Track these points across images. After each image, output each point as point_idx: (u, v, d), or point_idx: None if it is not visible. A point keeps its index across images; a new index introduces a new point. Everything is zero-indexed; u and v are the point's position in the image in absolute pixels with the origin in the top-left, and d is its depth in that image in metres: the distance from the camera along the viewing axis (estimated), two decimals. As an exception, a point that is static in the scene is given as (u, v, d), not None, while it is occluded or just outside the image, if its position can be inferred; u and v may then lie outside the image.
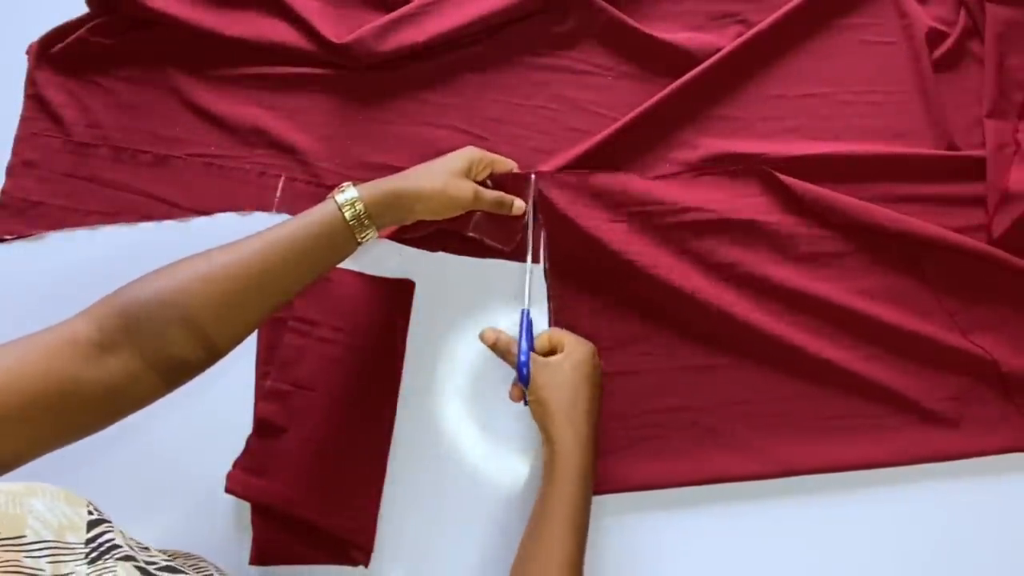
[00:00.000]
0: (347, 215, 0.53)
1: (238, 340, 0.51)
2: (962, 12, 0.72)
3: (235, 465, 0.63)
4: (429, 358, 0.66)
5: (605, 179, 0.67)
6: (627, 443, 0.64)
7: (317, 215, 0.53)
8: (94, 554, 0.36)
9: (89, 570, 0.35)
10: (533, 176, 0.66)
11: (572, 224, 0.66)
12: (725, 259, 0.66)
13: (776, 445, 0.64)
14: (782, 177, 0.67)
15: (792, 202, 0.67)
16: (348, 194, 0.54)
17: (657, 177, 0.68)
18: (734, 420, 0.64)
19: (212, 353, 0.49)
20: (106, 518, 0.38)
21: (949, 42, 0.71)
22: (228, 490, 0.63)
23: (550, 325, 0.66)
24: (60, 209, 0.70)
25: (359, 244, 0.55)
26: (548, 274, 0.67)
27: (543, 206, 0.66)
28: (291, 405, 0.64)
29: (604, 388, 0.60)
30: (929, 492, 0.63)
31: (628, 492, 0.63)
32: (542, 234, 0.66)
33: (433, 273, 0.67)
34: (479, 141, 0.70)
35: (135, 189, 0.70)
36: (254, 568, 0.63)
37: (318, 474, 0.63)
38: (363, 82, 0.72)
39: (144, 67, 0.73)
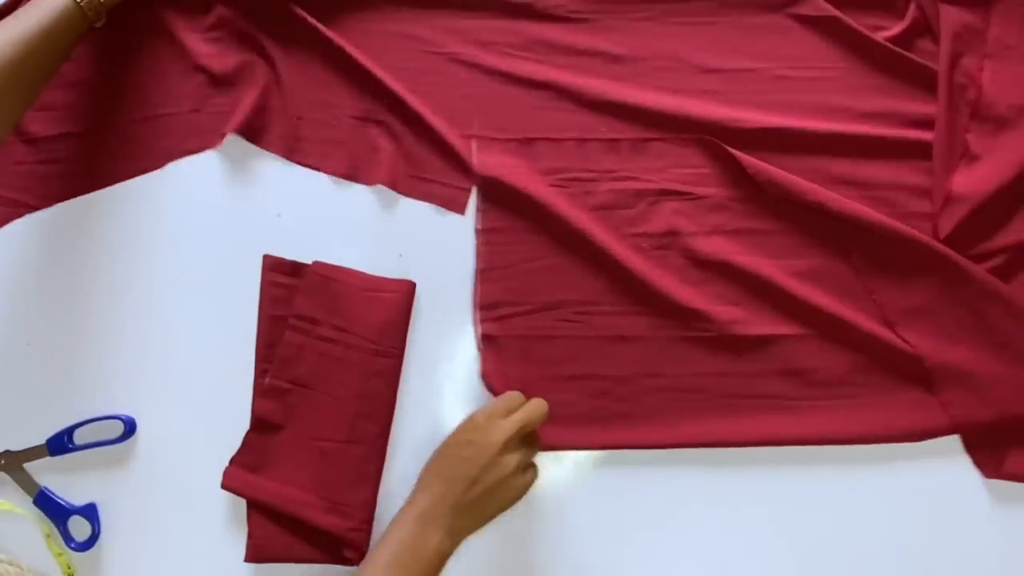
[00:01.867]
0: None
1: (8, 128, 0.61)
2: (912, 6, 0.70)
3: (232, 461, 0.63)
4: (429, 359, 0.66)
5: (544, 144, 0.68)
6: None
7: (49, 5, 0.60)
8: None
9: None
10: (475, 143, 0.68)
11: (507, 187, 0.67)
12: (655, 229, 0.67)
13: (686, 419, 0.64)
14: (731, 150, 0.67)
15: (729, 174, 0.68)
16: None
17: (596, 142, 0.69)
18: (646, 392, 0.64)
19: None
20: None
21: (896, 29, 0.70)
22: (224, 486, 0.63)
23: (475, 292, 0.66)
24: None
25: (97, 26, 0.64)
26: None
27: (480, 166, 0.67)
28: (289, 403, 0.64)
29: (520, 351, 0.64)
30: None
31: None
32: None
33: (434, 273, 0.67)
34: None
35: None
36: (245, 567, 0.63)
37: (315, 472, 0.63)
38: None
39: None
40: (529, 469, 0.60)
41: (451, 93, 0.70)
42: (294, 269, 0.66)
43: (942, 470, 0.64)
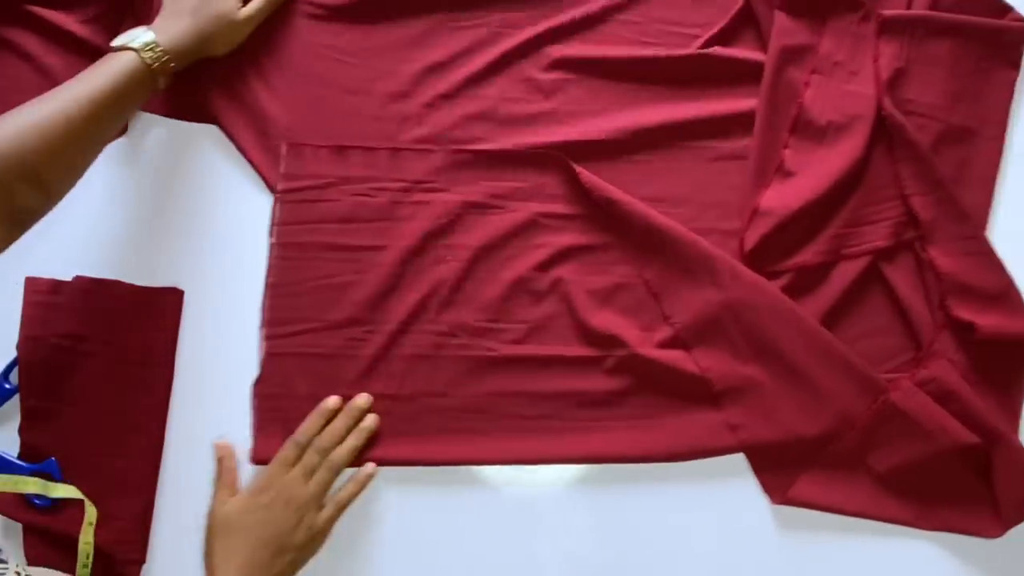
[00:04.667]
0: (147, 59, 0.58)
1: (72, 185, 0.56)
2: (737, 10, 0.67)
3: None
4: (202, 366, 0.64)
5: (358, 153, 0.65)
6: None
7: (119, 65, 0.57)
8: None
9: None
10: (285, 146, 0.65)
11: (308, 201, 0.65)
12: (460, 242, 0.64)
13: (470, 438, 0.63)
14: (560, 162, 0.65)
15: (543, 188, 0.65)
16: (145, 38, 0.59)
17: (409, 152, 0.66)
18: (429, 412, 0.63)
19: (53, 200, 0.55)
20: None
21: (714, 29, 0.67)
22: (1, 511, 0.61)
23: (264, 307, 0.64)
24: None
25: (160, 87, 0.60)
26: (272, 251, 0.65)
27: (284, 177, 0.65)
28: (59, 424, 0.62)
29: (307, 369, 0.63)
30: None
31: None
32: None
33: (203, 280, 0.65)
34: None
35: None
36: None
37: (87, 489, 0.61)
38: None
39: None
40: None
41: (265, 96, 0.67)
42: (55, 287, 0.63)
43: (732, 489, 0.64)
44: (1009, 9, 0.65)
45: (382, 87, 0.67)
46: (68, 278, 0.63)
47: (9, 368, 0.63)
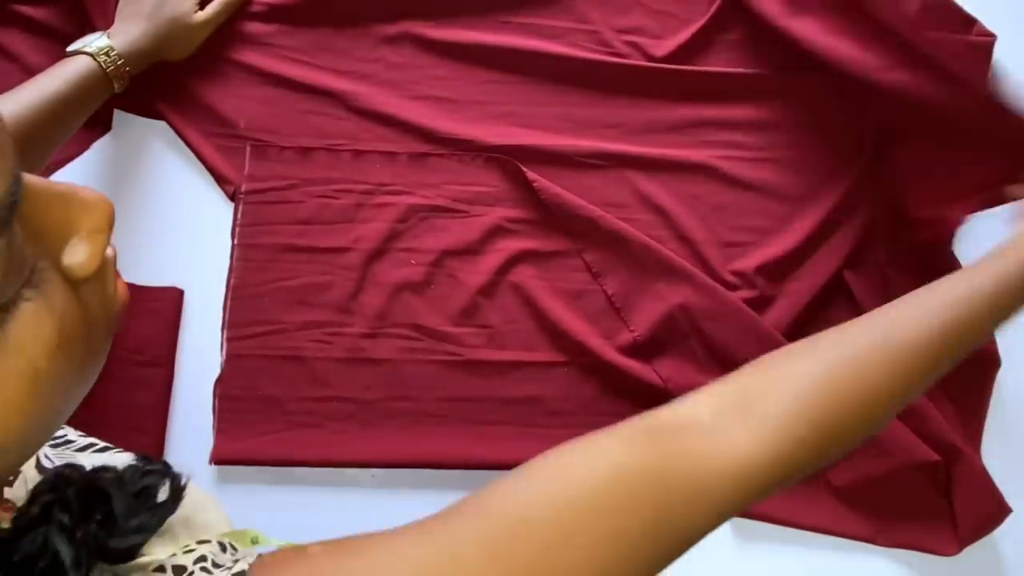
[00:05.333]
0: (102, 63, 0.58)
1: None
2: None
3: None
4: (202, 366, 0.64)
5: (322, 154, 0.65)
6: (285, 427, 0.62)
7: (73, 69, 0.57)
8: None
9: None
10: (248, 146, 0.65)
11: (270, 202, 0.65)
12: (424, 246, 0.64)
13: (429, 440, 0.62)
14: (525, 169, 0.65)
15: (514, 193, 0.65)
16: (100, 43, 0.59)
17: (375, 154, 0.66)
18: (391, 415, 0.63)
19: None
20: None
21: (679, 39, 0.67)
22: None
23: (225, 308, 0.64)
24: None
25: (116, 91, 0.60)
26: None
27: (247, 177, 0.65)
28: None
29: (267, 371, 0.63)
30: None
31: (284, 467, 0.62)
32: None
33: (203, 280, 0.65)
34: None
35: None
36: None
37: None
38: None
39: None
40: None
41: (227, 94, 0.67)
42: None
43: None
44: (974, 22, 0.65)
45: (340, 85, 0.67)
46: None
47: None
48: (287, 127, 0.66)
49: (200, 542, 0.31)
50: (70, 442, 0.40)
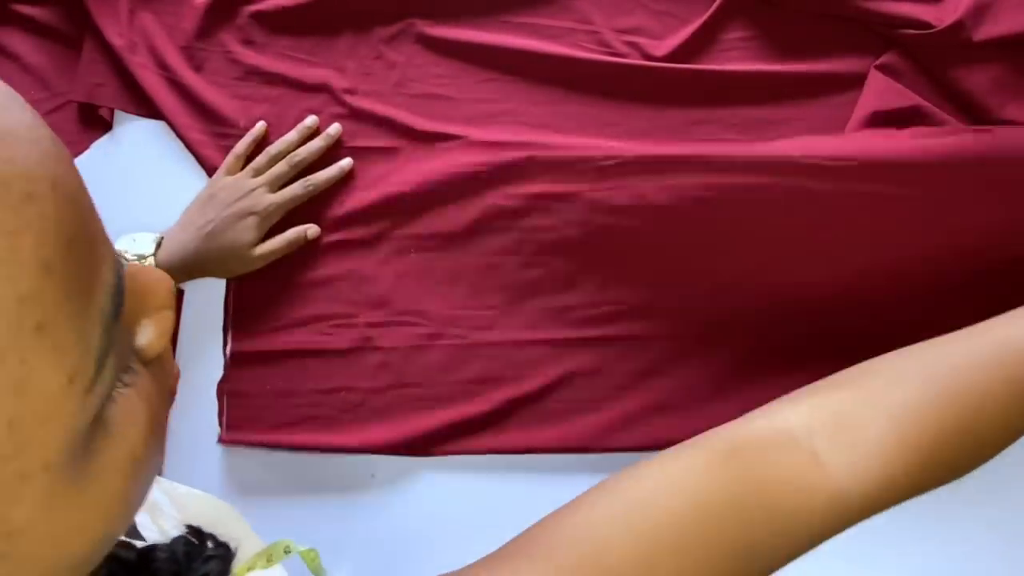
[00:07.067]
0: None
1: None
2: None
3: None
4: (202, 366, 0.64)
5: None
6: (295, 419, 0.63)
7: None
8: None
9: None
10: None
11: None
12: (424, 231, 0.64)
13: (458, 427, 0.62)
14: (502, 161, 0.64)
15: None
16: (143, 250, 0.58)
17: (373, 152, 0.66)
18: (400, 402, 0.63)
19: None
20: None
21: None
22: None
23: (227, 304, 0.64)
24: None
25: None
26: None
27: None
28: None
29: (272, 366, 0.63)
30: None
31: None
32: None
33: (202, 280, 0.64)
34: None
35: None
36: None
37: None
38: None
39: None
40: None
41: (227, 94, 0.67)
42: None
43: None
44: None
45: (340, 84, 0.67)
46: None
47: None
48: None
49: None
50: None
